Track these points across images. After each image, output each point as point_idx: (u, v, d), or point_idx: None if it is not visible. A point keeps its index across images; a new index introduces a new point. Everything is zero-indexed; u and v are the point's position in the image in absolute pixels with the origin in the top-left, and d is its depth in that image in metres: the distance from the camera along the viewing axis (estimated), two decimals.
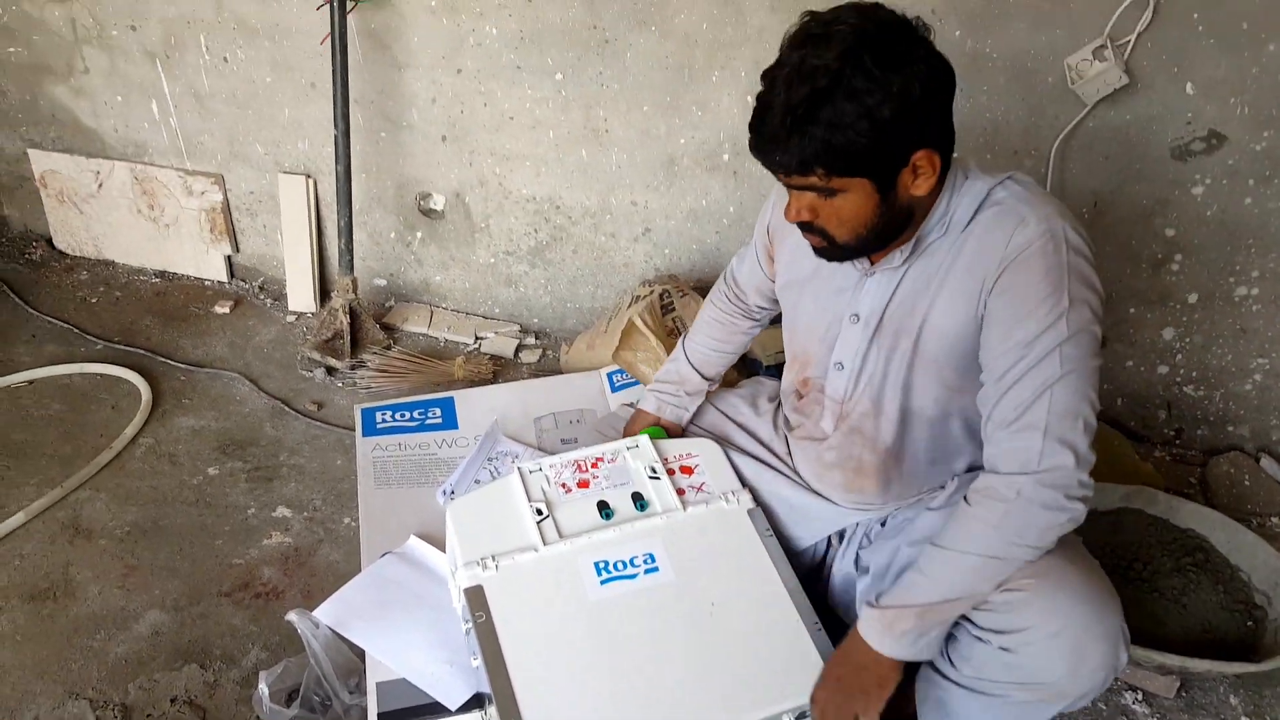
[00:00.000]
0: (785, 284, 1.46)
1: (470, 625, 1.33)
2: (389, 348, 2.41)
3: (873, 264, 1.28)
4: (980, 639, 1.21)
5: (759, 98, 1.14)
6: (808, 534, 1.52)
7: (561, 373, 2.27)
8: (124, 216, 2.72)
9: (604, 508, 1.45)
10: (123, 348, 2.43)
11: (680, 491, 1.48)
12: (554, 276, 2.44)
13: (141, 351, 2.42)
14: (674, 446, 1.55)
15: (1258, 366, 2.01)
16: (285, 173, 2.52)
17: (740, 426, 1.61)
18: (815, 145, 1.10)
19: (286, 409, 2.24)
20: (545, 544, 1.40)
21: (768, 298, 1.58)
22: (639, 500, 1.46)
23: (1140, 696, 1.63)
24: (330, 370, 2.35)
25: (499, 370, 2.36)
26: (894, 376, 1.32)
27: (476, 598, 1.34)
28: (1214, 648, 1.58)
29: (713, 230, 2.23)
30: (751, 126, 1.15)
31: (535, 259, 2.43)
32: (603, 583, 1.36)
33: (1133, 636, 1.48)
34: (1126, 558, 1.72)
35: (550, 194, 2.31)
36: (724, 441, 1.59)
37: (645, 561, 1.39)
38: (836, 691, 1.24)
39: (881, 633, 1.20)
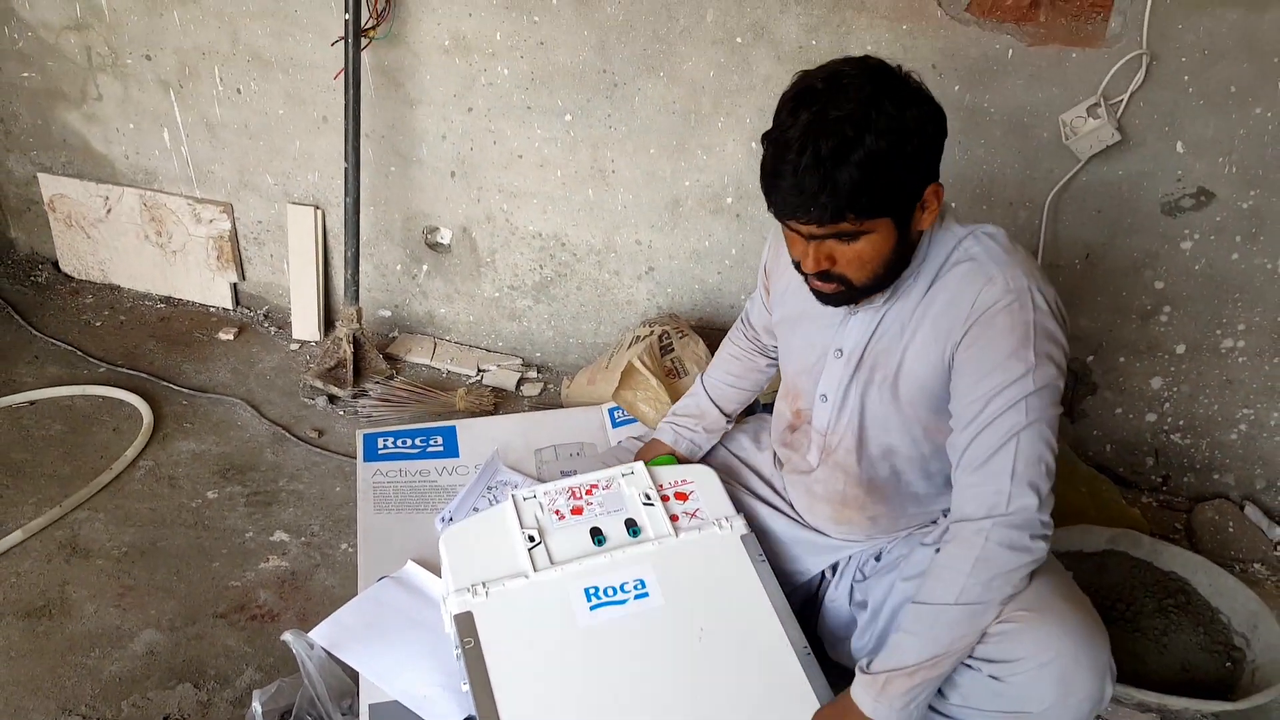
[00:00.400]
0: (779, 320, 1.51)
1: (460, 651, 1.34)
2: (391, 377, 2.43)
3: (857, 304, 1.33)
4: (970, 666, 1.23)
5: (773, 160, 1.16)
6: (804, 569, 1.55)
7: (562, 406, 2.30)
8: (131, 242, 2.75)
9: (597, 534, 1.46)
10: (125, 371, 2.44)
11: (674, 518, 1.49)
12: (557, 312, 2.47)
13: (144, 375, 2.43)
14: (669, 473, 1.57)
15: (1243, 417, 2.05)
16: (294, 203, 2.56)
17: (743, 462, 1.65)
18: (849, 191, 1.12)
19: (287, 435, 2.25)
20: (536, 570, 1.41)
21: (774, 336, 1.62)
22: (632, 526, 1.48)
23: None
24: (332, 398, 2.37)
25: (500, 402, 2.38)
26: (873, 411, 1.37)
27: (466, 624, 1.35)
28: (1193, 687, 1.61)
29: (714, 271, 2.28)
30: (771, 188, 1.17)
31: (539, 294, 2.47)
32: (592, 608, 1.38)
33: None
34: (1110, 598, 1.75)
35: (556, 231, 2.36)
36: (729, 476, 1.61)
37: (636, 587, 1.40)
38: None
39: (875, 698, 1.21)
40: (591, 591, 1.39)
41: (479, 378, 2.49)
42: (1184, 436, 2.11)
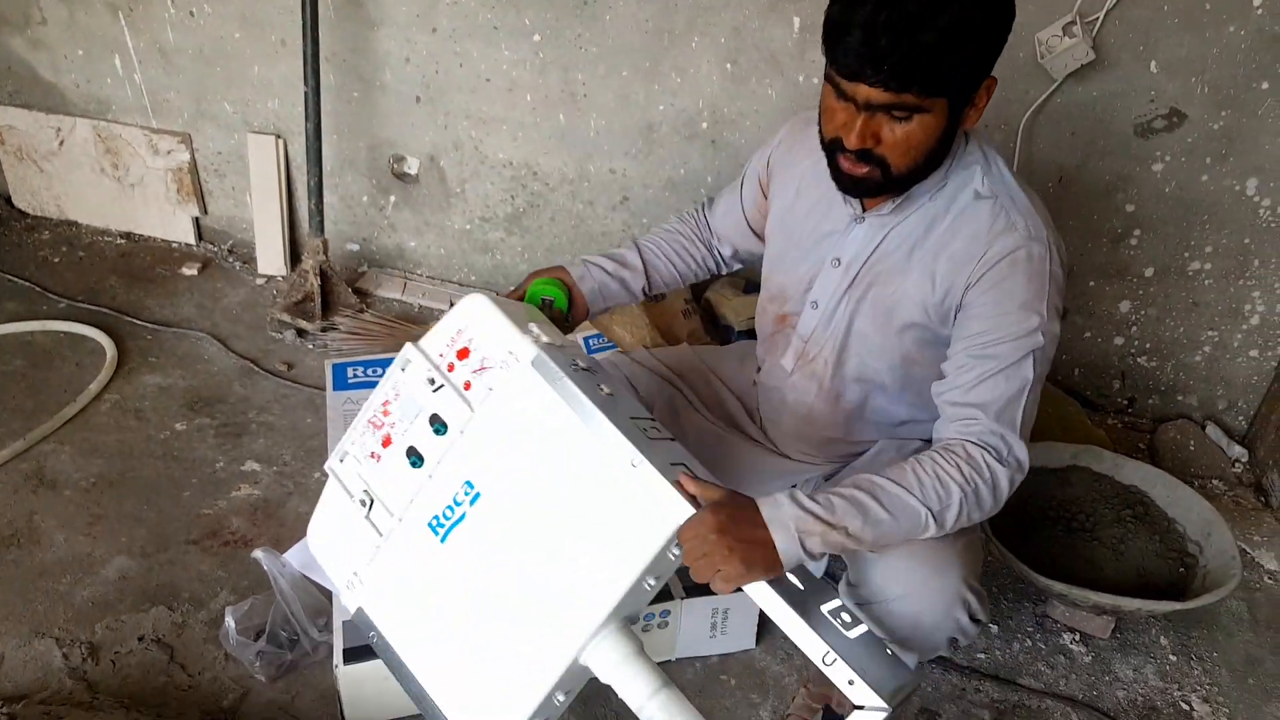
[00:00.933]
0: (774, 222, 1.45)
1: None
2: (362, 311, 2.39)
3: (865, 210, 1.30)
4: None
5: (844, 10, 1.09)
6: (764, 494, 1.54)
7: None
8: (87, 176, 2.66)
9: (413, 454, 1.23)
10: (86, 307, 2.38)
11: (467, 385, 1.20)
12: (531, 244, 2.44)
13: (106, 311, 2.37)
14: (440, 335, 1.24)
15: (1207, 339, 2.09)
16: (255, 132, 2.48)
17: (717, 375, 1.61)
18: (925, 58, 1.06)
19: (256, 369, 2.22)
20: (381, 533, 1.24)
21: (731, 244, 1.55)
22: (436, 424, 1.21)
23: (1078, 637, 1.73)
24: (301, 332, 2.33)
25: None
26: (860, 330, 1.35)
27: (363, 619, 1.26)
28: (1147, 590, 1.68)
29: (690, 200, 2.25)
30: (837, 42, 1.10)
31: (512, 226, 2.43)
32: (443, 540, 1.20)
33: (1071, 580, 1.57)
34: (1071, 510, 1.81)
35: (527, 159, 2.32)
36: (694, 386, 1.57)
37: (466, 493, 1.19)
38: (716, 531, 1.07)
39: (796, 536, 1.09)
40: (434, 524, 1.21)
41: None
42: (1150, 359, 2.15)
